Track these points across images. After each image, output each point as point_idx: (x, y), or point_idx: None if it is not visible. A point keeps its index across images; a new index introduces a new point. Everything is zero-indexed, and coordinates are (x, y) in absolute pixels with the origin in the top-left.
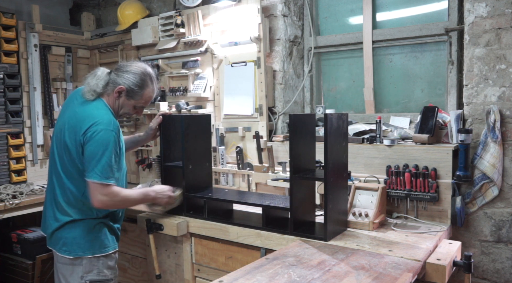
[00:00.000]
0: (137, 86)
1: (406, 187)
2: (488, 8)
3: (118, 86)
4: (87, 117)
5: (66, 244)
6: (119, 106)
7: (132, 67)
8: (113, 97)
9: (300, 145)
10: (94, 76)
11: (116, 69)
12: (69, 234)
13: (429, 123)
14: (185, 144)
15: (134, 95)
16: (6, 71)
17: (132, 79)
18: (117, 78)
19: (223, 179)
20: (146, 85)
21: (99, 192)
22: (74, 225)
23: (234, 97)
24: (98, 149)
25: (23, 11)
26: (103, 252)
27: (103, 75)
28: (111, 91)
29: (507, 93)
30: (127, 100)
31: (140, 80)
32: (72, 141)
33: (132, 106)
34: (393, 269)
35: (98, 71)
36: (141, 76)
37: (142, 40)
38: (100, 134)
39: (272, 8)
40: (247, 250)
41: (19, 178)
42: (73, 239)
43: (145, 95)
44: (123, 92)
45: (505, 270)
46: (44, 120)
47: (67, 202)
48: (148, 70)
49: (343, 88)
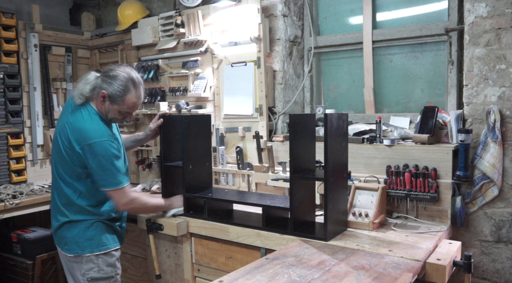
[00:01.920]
0: (118, 91)
1: (406, 187)
2: (488, 8)
3: (101, 91)
4: (79, 132)
5: (67, 243)
6: (106, 111)
7: (116, 72)
8: (99, 102)
9: (300, 145)
10: (84, 80)
11: (103, 73)
12: (68, 234)
13: (429, 123)
14: (185, 144)
15: (116, 100)
16: (6, 71)
17: (114, 84)
18: (102, 83)
19: (223, 179)
20: (127, 91)
21: (118, 197)
22: (71, 225)
23: (234, 97)
24: (100, 161)
25: (23, 11)
26: (101, 250)
27: (92, 79)
28: (97, 96)
29: (507, 93)
30: (111, 106)
31: (122, 86)
32: (66, 149)
33: (117, 111)
34: (393, 269)
35: (88, 75)
36: (123, 81)
37: (142, 40)
38: (96, 149)
39: (272, 8)
40: (247, 250)
41: (19, 178)
42: (72, 239)
43: (127, 101)
44: (106, 98)
45: (505, 270)
46: (44, 120)
47: (63, 204)
48: (132, 76)
49: (343, 88)
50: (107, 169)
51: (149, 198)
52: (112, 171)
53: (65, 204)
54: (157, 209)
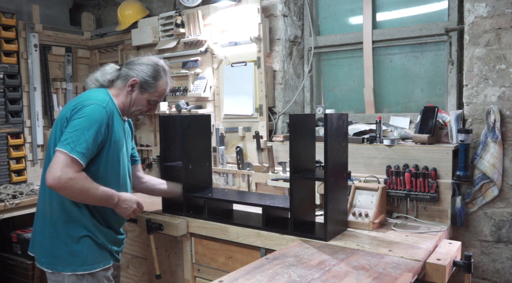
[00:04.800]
0: (151, 77)
1: (406, 187)
2: (488, 8)
3: (131, 79)
4: (78, 98)
5: (45, 255)
6: (131, 103)
7: (143, 60)
8: (125, 92)
9: (300, 145)
10: (101, 71)
11: (127, 64)
12: (49, 245)
13: (429, 123)
14: (185, 144)
15: (148, 87)
16: (6, 71)
17: (145, 70)
18: (129, 71)
19: (223, 179)
20: (160, 76)
21: (60, 166)
22: (56, 234)
23: (234, 97)
24: (81, 122)
25: (23, 11)
26: (87, 270)
27: (112, 70)
28: (123, 86)
29: (507, 93)
30: (140, 94)
31: (154, 70)
32: (53, 134)
33: (146, 100)
34: (393, 269)
35: (106, 66)
36: (154, 67)
37: (142, 40)
38: (88, 108)
39: (272, 8)
40: (247, 250)
41: (19, 178)
42: (53, 251)
43: (159, 87)
44: (136, 86)
45: (505, 270)
46: (44, 120)
47: (52, 210)
48: (161, 62)
49: (343, 88)
50: (78, 130)
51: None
52: (79, 135)
53: (53, 209)
54: (100, 201)
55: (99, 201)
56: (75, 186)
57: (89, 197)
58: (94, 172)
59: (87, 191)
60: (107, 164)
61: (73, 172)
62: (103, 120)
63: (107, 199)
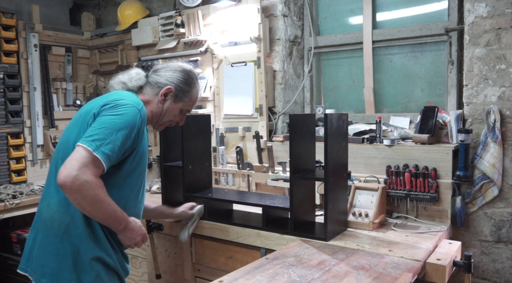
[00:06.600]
0: (185, 84)
1: (406, 187)
2: (488, 8)
3: (165, 87)
4: (109, 96)
5: (45, 275)
6: (162, 113)
7: (173, 66)
8: (156, 101)
9: (300, 145)
10: (126, 74)
11: (155, 71)
12: (50, 262)
13: (429, 123)
14: (185, 144)
15: (183, 96)
16: (6, 71)
17: (179, 77)
18: (159, 78)
19: (223, 179)
20: (193, 83)
21: (79, 164)
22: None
23: (234, 97)
24: (113, 120)
25: (23, 11)
26: None
27: (139, 76)
28: (154, 94)
29: (507, 93)
30: (173, 104)
31: (188, 77)
32: (75, 131)
33: (178, 110)
34: (393, 269)
35: (131, 71)
36: (188, 73)
37: (142, 40)
38: (124, 108)
39: (272, 8)
40: (247, 250)
41: (19, 178)
42: (58, 272)
43: (193, 95)
44: (169, 94)
45: (505, 270)
46: (44, 120)
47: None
48: (190, 67)
49: (343, 88)
50: (107, 128)
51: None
52: (108, 134)
53: (73, 220)
54: (106, 220)
55: (104, 219)
56: (88, 191)
57: (98, 210)
58: (107, 185)
59: (99, 203)
60: (126, 178)
61: (92, 174)
62: (136, 124)
63: (114, 221)
